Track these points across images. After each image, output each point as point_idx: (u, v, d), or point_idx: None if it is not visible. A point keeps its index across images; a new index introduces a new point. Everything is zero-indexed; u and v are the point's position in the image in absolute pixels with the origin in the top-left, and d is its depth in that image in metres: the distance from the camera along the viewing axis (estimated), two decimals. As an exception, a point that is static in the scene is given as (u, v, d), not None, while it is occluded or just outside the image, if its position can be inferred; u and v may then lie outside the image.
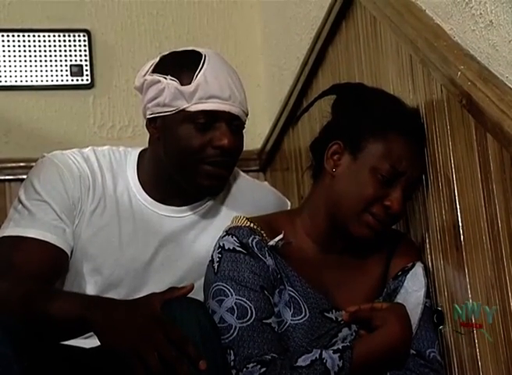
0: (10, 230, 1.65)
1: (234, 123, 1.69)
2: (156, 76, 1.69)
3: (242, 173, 1.88)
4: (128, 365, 1.38)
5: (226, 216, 1.75)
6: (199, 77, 1.66)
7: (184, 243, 1.74)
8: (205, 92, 1.65)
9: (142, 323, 1.39)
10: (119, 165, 1.76)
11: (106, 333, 1.40)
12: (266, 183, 2.03)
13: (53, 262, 1.65)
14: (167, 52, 1.75)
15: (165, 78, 1.67)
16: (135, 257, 1.71)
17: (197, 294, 1.62)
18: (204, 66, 1.67)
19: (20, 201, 1.68)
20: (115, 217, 1.71)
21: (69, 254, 1.68)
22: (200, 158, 1.67)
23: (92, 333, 1.55)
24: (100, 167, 1.74)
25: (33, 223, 1.65)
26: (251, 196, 1.83)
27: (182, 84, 1.66)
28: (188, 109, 1.66)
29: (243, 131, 1.75)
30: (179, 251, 1.73)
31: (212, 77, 1.67)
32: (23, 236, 1.64)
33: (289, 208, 1.87)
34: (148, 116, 1.72)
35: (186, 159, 1.68)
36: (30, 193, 1.68)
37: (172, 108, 1.67)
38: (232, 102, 1.68)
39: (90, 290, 1.70)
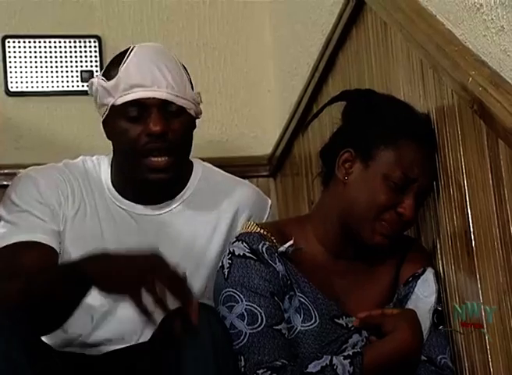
0: None
1: (168, 109, 1.67)
2: (91, 80, 1.72)
3: (221, 170, 1.86)
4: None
5: (205, 210, 1.75)
6: (121, 70, 1.67)
7: (166, 239, 1.72)
8: (126, 83, 1.65)
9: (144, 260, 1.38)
10: (92, 172, 1.76)
11: (102, 275, 1.38)
12: (247, 181, 2.01)
13: (44, 258, 1.64)
14: None
15: (96, 78, 1.70)
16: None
17: (194, 290, 1.63)
18: (128, 58, 1.68)
19: (2, 218, 1.68)
20: (96, 221, 1.71)
21: (58, 252, 1.67)
22: (140, 150, 1.65)
23: (101, 340, 1.57)
24: (75, 177, 1.74)
25: (18, 231, 1.64)
26: (230, 190, 1.81)
27: (107, 81, 1.67)
28: (115, 104, 1.66)
29: (197, 117, 1.74)
30: (162, 247, 1.72)
31: (134, 68, 1.66)
32: (9, 244, 1.63)
33: (269, 205, 1.85)
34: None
35: (128, 155, 1.68)
36: (9, 208, 1.68)
37: (105, 107, 1.69)
38: (157, 88, 1.65)
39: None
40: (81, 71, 2.72)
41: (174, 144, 1.67)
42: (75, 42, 2.72)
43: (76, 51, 2.72)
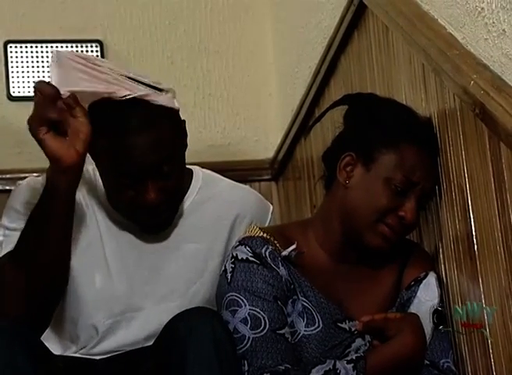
0: (3, 251, 1.62)
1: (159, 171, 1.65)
2: None
3: (221, 176, 1.85)
4: None
5: (206, 217, 1.74)
6: None
7: (167, 248, 1.72)
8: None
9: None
10: (90, 182, 1.73)
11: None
12: (248, 186, 1.99)
13: None
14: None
15: None
16: (121, 271, 1.69)
17: (197, 298, 1.64)
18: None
19: (6, 227, 1.67)
20: (97, 235, 1.69)
21: None
22: (131, 211, 1.66)
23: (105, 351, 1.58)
24: None
25: None
26: (231, 195, 1.79)
27: None
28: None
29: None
30: (164, 256, 1.72)
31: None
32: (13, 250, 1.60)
33: (270, 211, 1.84)
34: None
35: (118, 204, 1.67)
36: (12, 216, 1.67)
37: None
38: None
39: (84, 299, 1.68)
40: (83, 76, 2.72)
41: (167, 204, 1.65)
42: (77, 47, 2.72)
43: (77, 56, 2.72)
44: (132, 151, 1.58)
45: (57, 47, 2.71)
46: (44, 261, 1.55)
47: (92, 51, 2.73)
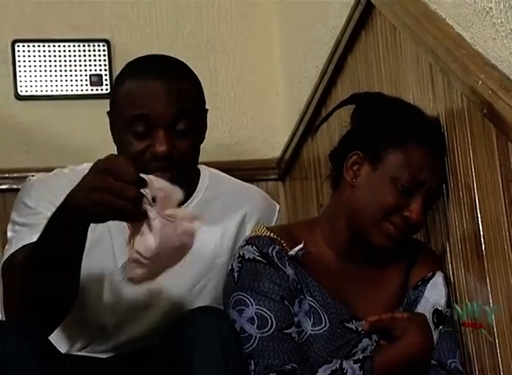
0: (14, 247, 1.61)
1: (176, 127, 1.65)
2: None
3: (228, 175, 1.85)
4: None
5: (213, 217, 1.73)
6: None
7: None
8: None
9: (92, 174, 1.36)
10: None
11: (74, 197, 1.38)
12: (254, 186, 1.99)
13: None
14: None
15: None
16: None
17: (204, 296, 1.63)
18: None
19: (15, 223, 1.66)
20: (106, 231, 1.68)
21: None
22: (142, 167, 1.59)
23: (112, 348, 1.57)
24: None
25: (35, 230, 1.57)
26: (238, 195, 1.80)
27: None
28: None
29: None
30: None
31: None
32: (25, 244, 1.58)
33: (277, 210, 1.85)
34: None
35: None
36: (22, 211, 1.66)
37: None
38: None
39: (92, 298, 1.68)
40: (90, 75, 2.72)
41: (179, 163, 1.64)
42: (84, 46, 2.72)
43: (85, 55, 2.72)
44: (151, 94, 1.60)
45: (64, 46, 2.71)
46: (57, 277, 1.49)
47: (99, 50, 2.73)
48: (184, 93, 1.65)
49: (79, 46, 2.72)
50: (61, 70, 2.71)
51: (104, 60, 2.73)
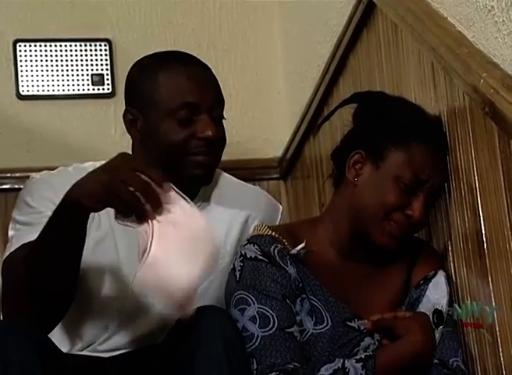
0: (14, 246, 1.61)
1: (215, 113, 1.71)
2: None
3: (232, 176, 1.85)
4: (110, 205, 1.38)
5: (217, 216, 1.73)
6: None
7: None
8: None
9: (110, 165, 1.40)
10: None
11: (78, 187, 1.42)
12: (258, 187, 2.00)
13: None
14: None
15: None
16: (132, 267, 1.68)
17: (207, 297, 1.64)
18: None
19: (17, 221, 1.66)
20: (109, 230, 1.68)
21: None
22: (187, 152, 1.66)
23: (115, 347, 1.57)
24: None
25: (36, 229, 1.56)
26: (241, 196, 1.80)
27: None
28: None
29: None
30: None
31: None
32: (25, 243, 1.58)
33: (280, 211, 1.85)
34: None
35: (171, 154, 1.67)
36: (24, 210, 1.66)
37: None
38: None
39: (96, 296, 1.68)
40: (92, 74, 2.72)
41: (218, 148, 1.70)
42: (85, 46, 2.72)
43: (86, 55, 2.72)
44: (196, 81, 1.67)
45: (66, 46, 2.71)
46: (56, 275, 1.50)
47: (101, 50, 2.73)
48: (217, 81, 1.73)
49: (80, 46, 2.72)
50: (62, 70, 2.71)
51: (106, 60, 2.73)
